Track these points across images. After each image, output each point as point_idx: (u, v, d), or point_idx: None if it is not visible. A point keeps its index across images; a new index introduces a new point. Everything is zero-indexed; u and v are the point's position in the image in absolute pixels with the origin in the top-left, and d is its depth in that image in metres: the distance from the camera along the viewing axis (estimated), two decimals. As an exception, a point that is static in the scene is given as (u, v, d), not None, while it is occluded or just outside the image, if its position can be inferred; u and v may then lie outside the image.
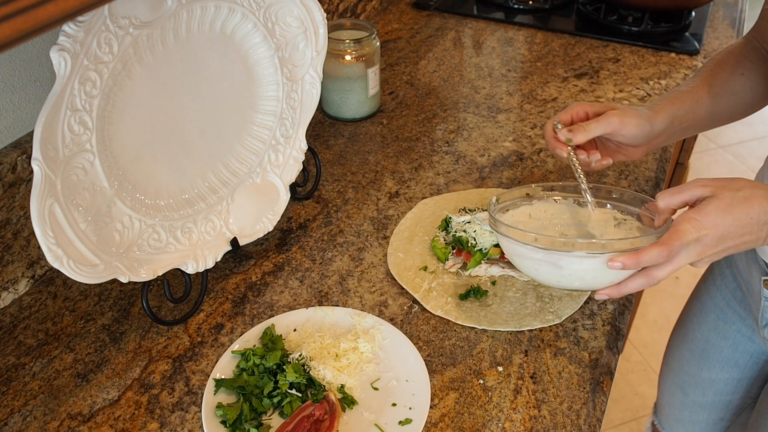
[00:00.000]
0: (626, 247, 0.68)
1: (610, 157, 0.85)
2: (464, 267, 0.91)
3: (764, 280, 0.89)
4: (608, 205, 0.84)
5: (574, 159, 0.82)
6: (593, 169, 0.85)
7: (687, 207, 0.71)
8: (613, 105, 0.85)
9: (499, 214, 0.82)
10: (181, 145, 0.86)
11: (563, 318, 0.85)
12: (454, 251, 0.92)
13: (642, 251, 0.66)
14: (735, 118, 0.94)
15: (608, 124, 0.81)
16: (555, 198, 0.85)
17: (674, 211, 0.72)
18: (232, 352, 0.80)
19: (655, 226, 0.75)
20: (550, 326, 0.84)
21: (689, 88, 0.89)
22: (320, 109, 1.26)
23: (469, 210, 0.97)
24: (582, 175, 0.82)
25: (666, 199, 0.70)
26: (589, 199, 0.81)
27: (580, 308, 0.86)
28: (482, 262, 0.90)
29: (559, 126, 0.83)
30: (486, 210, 0.98)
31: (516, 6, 1.62)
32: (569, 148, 0.82)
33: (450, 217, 0.95)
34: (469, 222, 0.93)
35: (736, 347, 1.05)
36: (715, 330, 1.06)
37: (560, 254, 0.71)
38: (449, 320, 0.85)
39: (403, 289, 0.90)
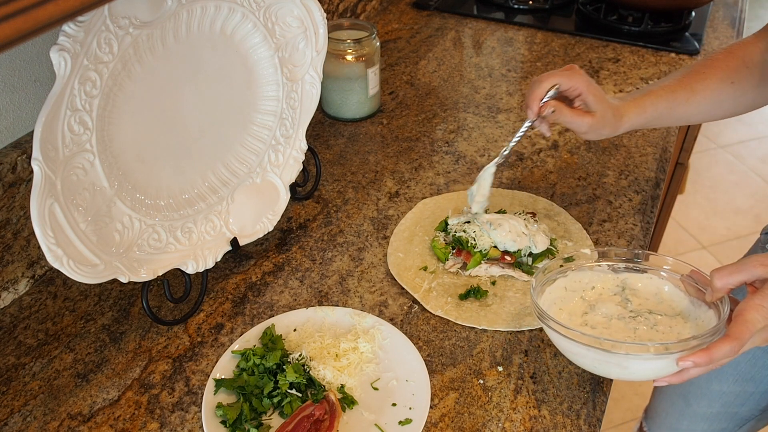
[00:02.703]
0: (696, 344, 0.65)
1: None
2: (464, 267, 0.91)
3: None
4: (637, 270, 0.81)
5: (528, 125, 0.89)
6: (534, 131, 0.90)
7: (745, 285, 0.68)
8: (601, 99, 0.88)
9: (541, 299, 0.77)
10: (181, 145, 0.86)
11: (563, 318, 0.85)
12: (454, 251, 0.92)
13: (714, 348, 0.64)
14: (711, 120, 0.94)
15: (579, 125, 0.88)
16: (588, 265, 0.81)
17: (730, 290, 0.69)
18: (232, 352, 0.80)
19: (707, 301, 0.73)
20: (550, 326, 0.84)
21: (668, 88, 0.90)
22: (320, 109, 1.26)
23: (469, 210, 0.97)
24: (518, 139, 0.90)
25: (723, 279, 0.67)
26: (504, 154, 0.91)
27: (580, 308, 0.86)
28: (482, 262, 0.90)
29: (553, 93, 0.87)
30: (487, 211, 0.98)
31: (516, 6, 1.62)
32: (537, 116, 0.88)
33: (447, 219, 0.95)
34: (468, 222, 0.93)
35: (755, 362, 1.01)
36: None
37: (627, 357, 0.67)
38: (449, 320, 0.85)
39: (403, 289, 0.90)
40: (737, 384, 1.04)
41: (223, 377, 0.77)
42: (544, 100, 0.87)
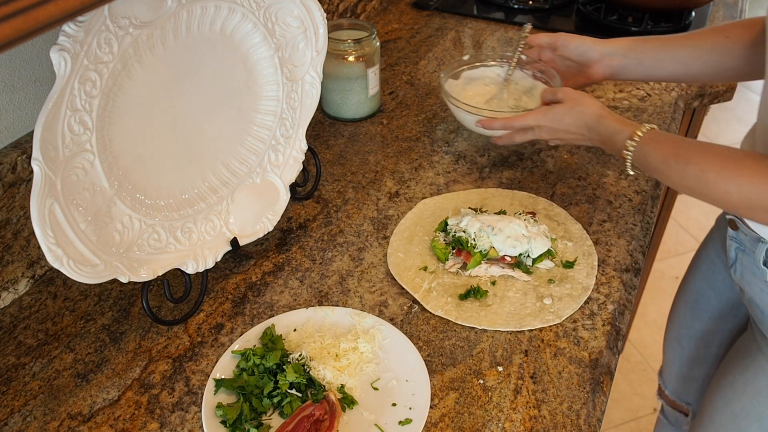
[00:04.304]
0: (487, 114, 1.05)
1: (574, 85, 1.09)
2: (464, 267, 0.91)
3: (729, 219, 0.93)
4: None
5: (523, 42, 1.13)
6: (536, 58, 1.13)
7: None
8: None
9: (465, 68, 1.20)
10: (181, 145, 0.86)
11: (563, 318, 0.85)
12: (454, 251, 0.92)
13: (493, 120, 1.03)
14: (711, 76, 1.00)
15: (556, 36, 1.08)
16: (489, 64, 1.20)
17: (546, 101, 1.01)
18: (232, 352, 0.80)
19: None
20: (550, 326, 0.84)
21: (664, 35, 1.03)
22: (320, 109, 1.26)
23: (472, 209, 0.97)
24: (517, 55, 1.14)
25: (545, 94, 1.01)
26: (508, 71, 1.15)
27: (580, 308, 0.86)
28: (482, 262, 0.90)
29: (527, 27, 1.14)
30: (488, 212, 0.98)
31: (516, 6, 1.62)
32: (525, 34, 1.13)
33: (447, 219, 0.95)
34: (468, 222, 0.93)
35: (720, 297, 1.10)
36: (705, 280, 1.12)
37: (457, 108, 1.08)
38: (449, 320, 0.85)
39: (403, 289, 0.90)
40: (711, 322, 1.15)
41: (223, 377, 0.77)
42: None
